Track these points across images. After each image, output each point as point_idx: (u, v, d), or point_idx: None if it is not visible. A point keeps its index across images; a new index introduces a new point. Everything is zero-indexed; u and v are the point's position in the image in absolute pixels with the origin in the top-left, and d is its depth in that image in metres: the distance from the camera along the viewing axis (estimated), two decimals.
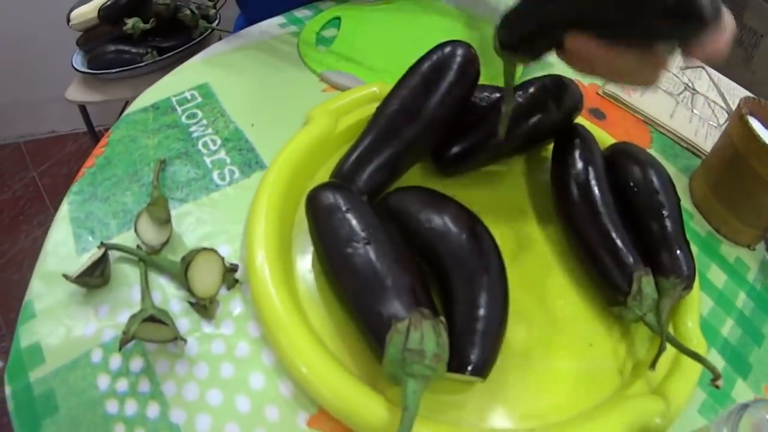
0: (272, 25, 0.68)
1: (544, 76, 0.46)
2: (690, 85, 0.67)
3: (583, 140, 0.44)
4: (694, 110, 0.64)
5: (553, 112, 0.44)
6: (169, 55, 1.04)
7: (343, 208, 0.35)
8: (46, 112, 1.56)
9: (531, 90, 0.44)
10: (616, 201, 0.42)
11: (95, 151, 0.51)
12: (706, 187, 0.52)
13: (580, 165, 0.43)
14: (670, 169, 0.56)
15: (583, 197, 0.42)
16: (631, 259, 0.39)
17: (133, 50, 1.05)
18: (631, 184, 0.44)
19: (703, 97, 0.65)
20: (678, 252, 0.40)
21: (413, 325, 0.30)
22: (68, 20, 1.16)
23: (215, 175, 0.47)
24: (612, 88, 0.62)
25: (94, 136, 1.20)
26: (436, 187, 0.45)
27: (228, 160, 0.48)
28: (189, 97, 0.55)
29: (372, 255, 0.33)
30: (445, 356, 0.31)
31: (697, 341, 0.41)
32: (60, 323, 0.37)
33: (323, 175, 0.45)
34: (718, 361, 0.43)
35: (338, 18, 0.69)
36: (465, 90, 0.43)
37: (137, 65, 1.02)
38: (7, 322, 1.23)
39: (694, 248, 0.46)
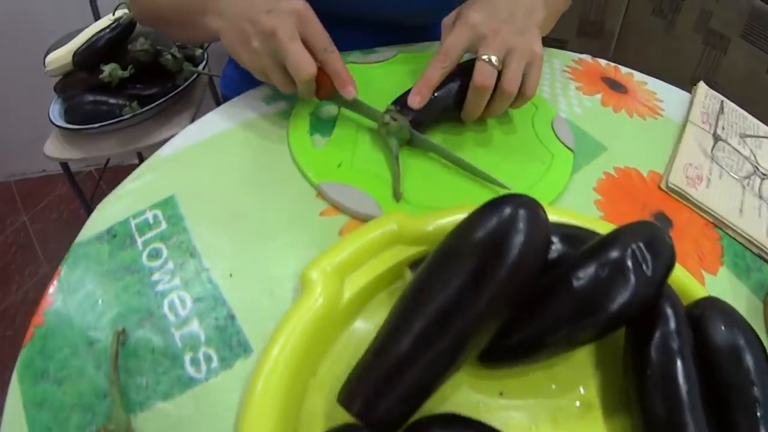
0: (255, 99, 0.55)
1: (629, 226, 0.33)
2: (754, 159, 0.54)
3: (669, 320, 0.32)
4: (762, 196, 0.51)
5: (640, 287, 0.30)
6: (150, 107, 0.91)
7: None
8: (37, 151, 1.42)
9: (614, 255, 0.31)
10: (701, 383, 0.31)
11: (43, 302, 0.39)
12: None
13: (666, 356, 0.31)
14: (743, 293, 0.44)
15: (665, 380, 0.30)
16: None
17: (112, 101, 0.92)
18: (723, 366, 0.32)
19: None
20: None
21: None
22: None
23: (187, 361, 0.34)
24: (676, 181, 0.49)
25: (76, 187, 1.08)
26: (478, 378, 0.34)
27: (202, 337, 0.35)
28: (151, 221, 0.43)
29: None
30: None
31: None
32: None
33: (327, 370, 0.33)
34: None
35: None
36: (529, 284, 0.30)
37: (116, 120, 0.89)
38: (1, 381, 1.13)
39: None
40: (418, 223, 0.37)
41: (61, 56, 1.00)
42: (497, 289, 0.28)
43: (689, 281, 0.38)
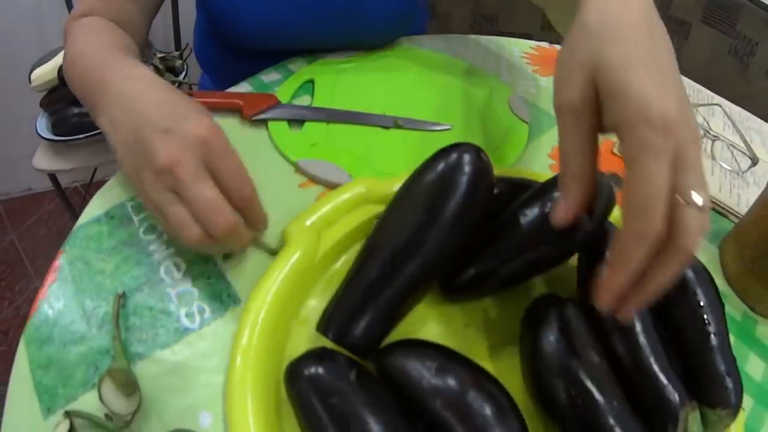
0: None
1: None
2: (706, 125, 0.60)
3: None
4: (715, 158, 0.57)
5: (583, 224, 0.35)
6: None
7: (331, 397, 0.29)
8: (22, 170, 1.47)
9: (557, 193, 0.35)
10: (653, 314, 0.36)
11: (48, 277, 0.44)
12: (741, 264, 0.45)
13: None
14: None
15: (618, 324, 0.35)
16: (676, 397, 0.33)
17: None
18: (670, 293, 0.37)
19: (722, 142, 0.59)
20: (726, 379, 0.34)
21: None
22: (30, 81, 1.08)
23: (182, 314, 0.40)
24: None
25: (65, 199, 1.13)
26: (444, 312, 0.39)
27: (195, 293, 0.41)
28: None
29: None
30: None
31: None
32: None
33: (309, 311, 0.38)
34: None
35: (311, 81, 0.62)
36: (477, 214, 0.35)
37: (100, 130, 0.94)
38: None
39: (730, 336, 0.40)
40: (384, 185, 0.43)
41: (47, 72, 1.05)
42: (449, 219, 0.33)
43: None
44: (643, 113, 0.26)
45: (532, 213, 0.36)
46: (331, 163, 0.49)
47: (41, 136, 1.00)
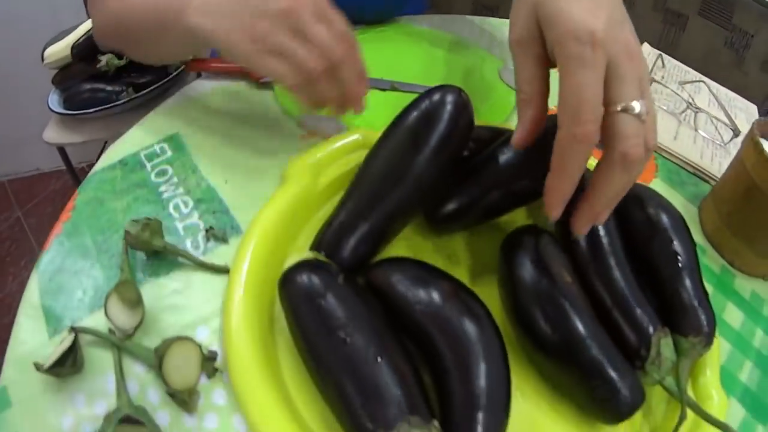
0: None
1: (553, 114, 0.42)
2: (691, 101, 0.63)
3: None
4: (698, 129, 0.60)
5: None
6: (145, 92, 0.99)
7: (319, 298, 0.32)
8: (29, 150, 1.51)
9: None
10: (627, 253, 0.39)
11: (62, 216, 0.47)
12: (719, 219, 0.48)
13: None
14: (678, 200, 0.52)
15: (593, 254, 0.38)
16: (648, 322, 0.35)
17: (109, 88, 1.01)
18: (643, 232, 0.40)
19: (705, 115, 0.62)
20: (697, 309, 0.37)
21: None
22: (43, 58, 1.12)
23: (188, 243, 0.42)
24: None
25: (74, 175, 1.16)
26: (429, 243, 0.42)
27: (201, 225, 0.44)
28: (159, 151, 0.51)
29: (353, 353, 0.30)
30: None
31: (717, 394, 0.38)
32: (36, 414, 0.34)
33: (305, 240, 0.41)
34: (738, 411, 0.40)
35: None
36: (458, 144, 0.38)
37: (113, 104, 0.98)
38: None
39: (709, 287, 0.42)
40: (378, 133, 0.45)
41: (60, 49, 1.09)
42: (432, 146, 0.36)
43: None
44: (571, 31, 0.30)
45: (512, 149, 0.39)
46: (331, 118, 0.52)
47: (53, 111, 1.03)
